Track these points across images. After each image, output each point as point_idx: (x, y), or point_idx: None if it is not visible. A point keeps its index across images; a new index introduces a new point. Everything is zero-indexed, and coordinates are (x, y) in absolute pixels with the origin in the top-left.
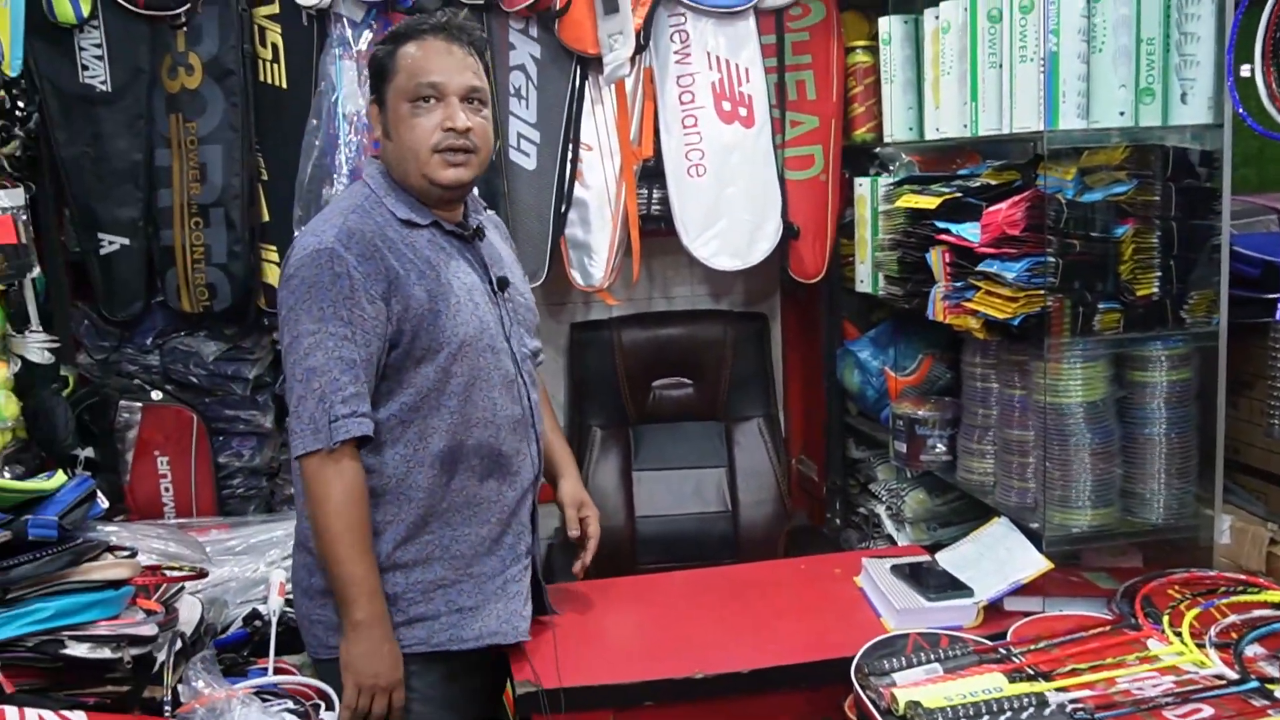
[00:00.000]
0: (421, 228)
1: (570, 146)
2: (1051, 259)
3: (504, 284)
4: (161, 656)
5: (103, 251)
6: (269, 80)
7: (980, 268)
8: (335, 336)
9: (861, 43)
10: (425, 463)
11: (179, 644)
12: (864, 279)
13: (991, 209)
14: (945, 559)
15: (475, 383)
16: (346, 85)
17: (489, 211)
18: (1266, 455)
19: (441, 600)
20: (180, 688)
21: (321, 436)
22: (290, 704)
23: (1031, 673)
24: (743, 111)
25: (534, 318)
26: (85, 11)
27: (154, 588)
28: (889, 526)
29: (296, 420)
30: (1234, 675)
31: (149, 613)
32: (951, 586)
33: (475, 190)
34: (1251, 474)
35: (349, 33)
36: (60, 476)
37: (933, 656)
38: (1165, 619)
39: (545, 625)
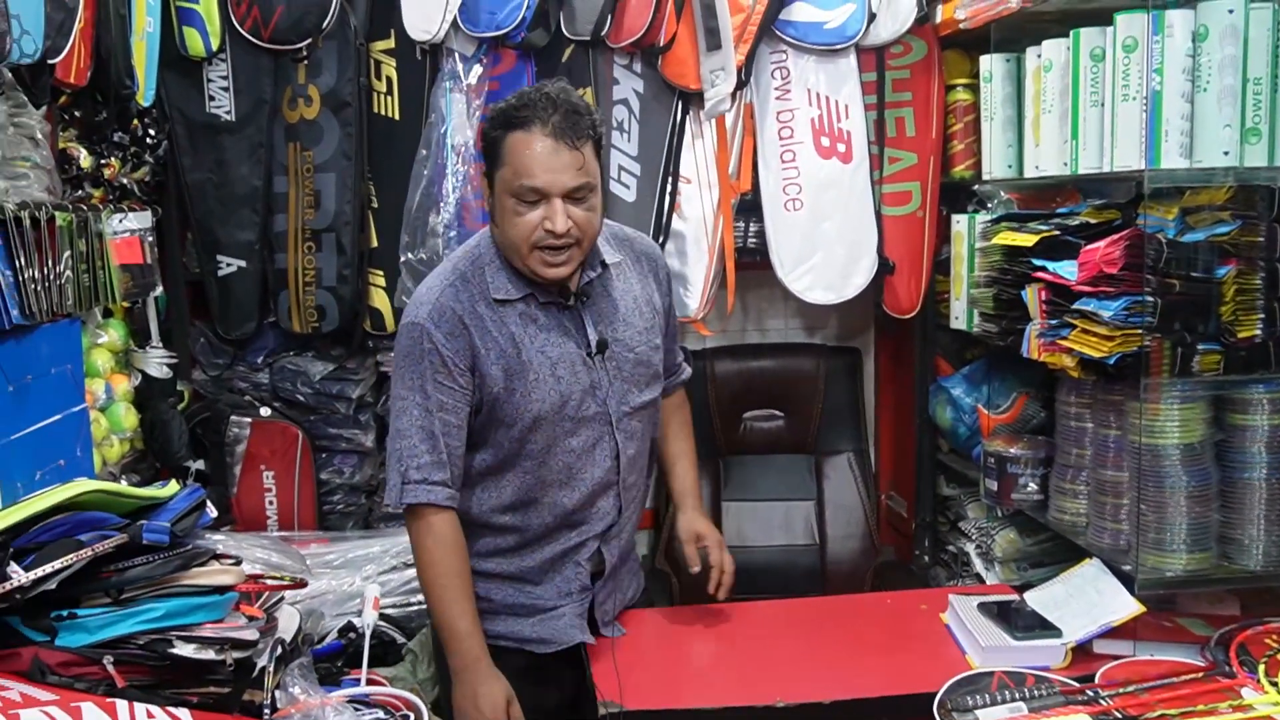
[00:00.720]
0: (515, 302)
1: (670, 180)
2: (1150, 298)
3: (603, 346)
4: (262, 661)
5: (221, 273)
6: (382, 112)
7: (1076, 306)
8: (419, 407)
9: (962, 80)
10: (502, 509)
11: (279, 650)
12: (959, 315)
13: (1089, 247)
14: (1034, 599)
15: (551, 450)
16: (456, 117)
17: (641, 242)
18: None
19: (505, 618)
20: (277, 693)
21: (393, 496)
22: (381, 714)
23: (1119, 716)
24: (841, 147)
25: (647, 369)
26: (214, 45)
27: (256, 595)
28: (978, 565)
29: (387, 474)
30: None
31: (251, 618)
32: (1040, 626)
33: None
34: None
35: (460, 67)
36: (173, 486)
37: (1017, 695)
38: (1261, 668)
39: (628, 647)
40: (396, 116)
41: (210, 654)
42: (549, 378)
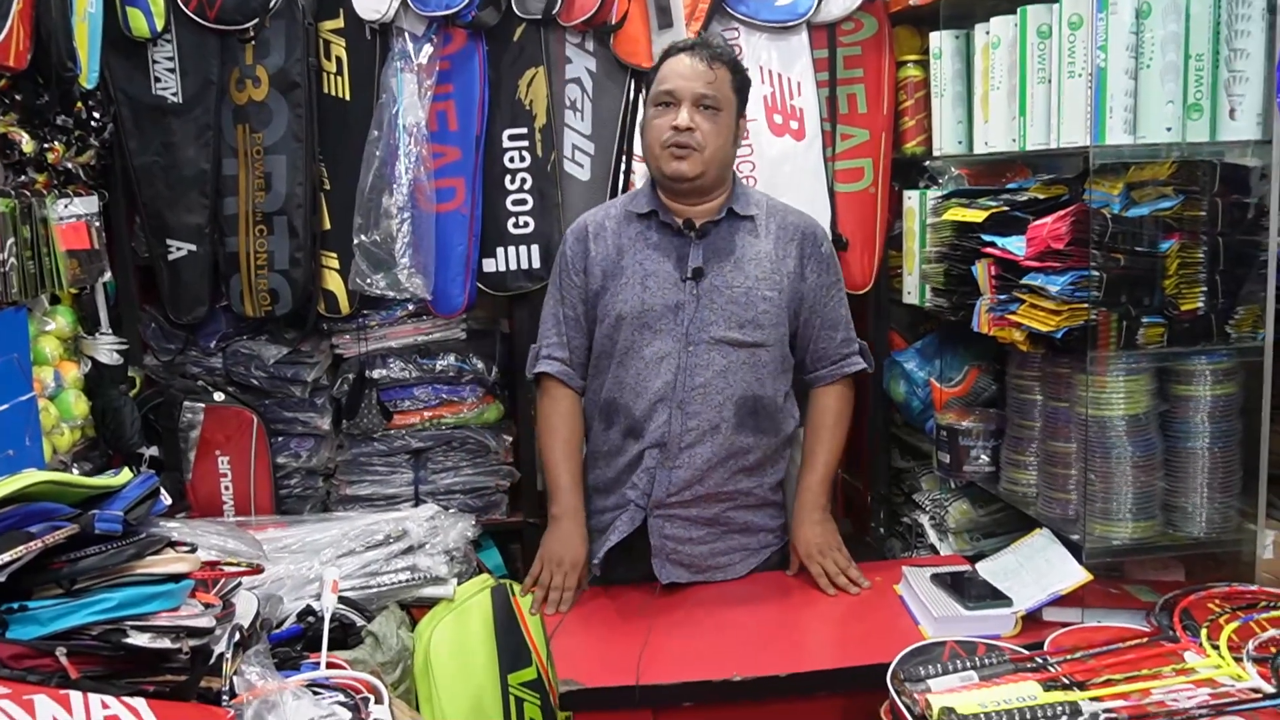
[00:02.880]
0: (643, 217)
1: (624, 158)
2: (1096, 273)
3: (699, 275)
4: (219, 648)
5: (170, 257)
6: (332, 92)
7: (1025, 281)
8: (554, 298)
9: (913, 57)
10: (596, 408)
11: (236, 636)
12: (911, 291)
13: (1037, 223)
14: (985, 569)
15: (629, 352)
16: (407, 97)
17: (798, 216)
18: None
19: (591, 518)
20: (235, 679)
21: (529, 367)
22: (341, 697)
23: (1066, 682)
24: (794, 125)
25: (744, 311)
26: (159, 26)
27: (212, 582)
28: (932, 536)
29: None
30: (1270, 689)
31: (207, 605)
32: (990, 596)
33: (744, 191)
34: None
35: (410, 46)
36: (126, 474)
37: (969, 664)
38: (1204, 632)
39: (589, 626)
40: (347, 97)
41: (166, 643)
42: (637, 285)
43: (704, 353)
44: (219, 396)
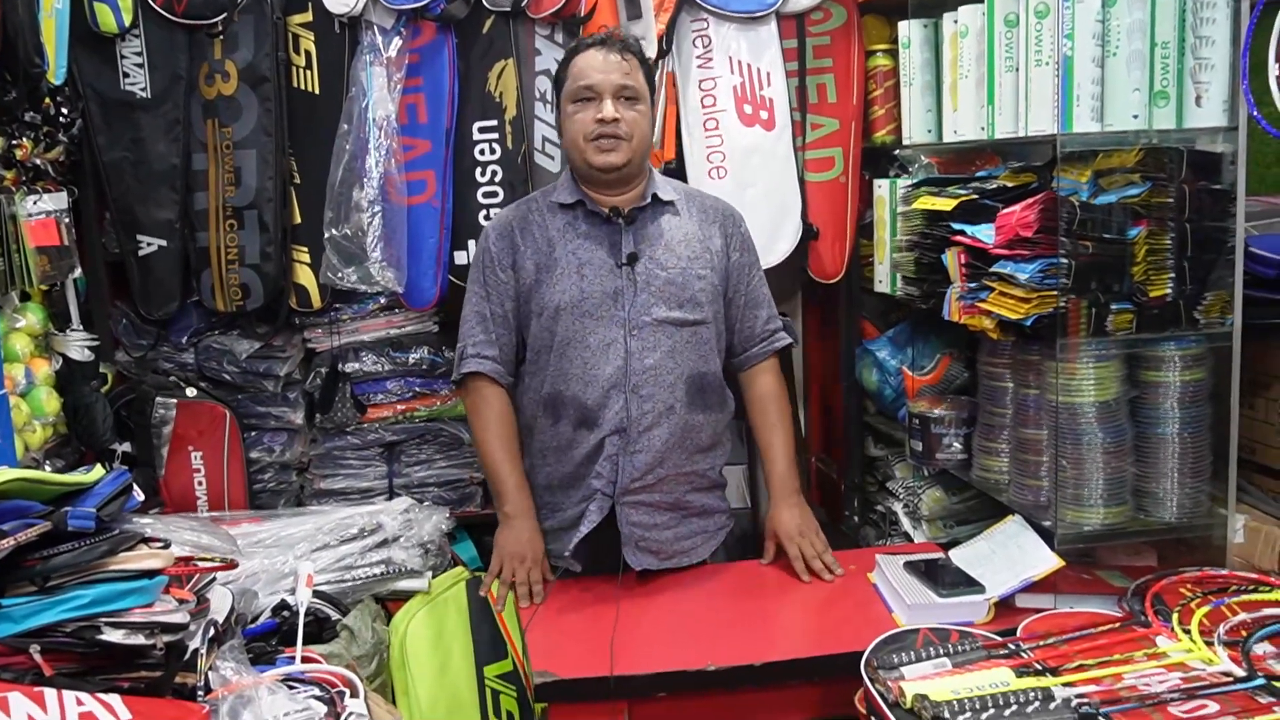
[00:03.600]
0: (568, 208)
1: None
2: (1064, 260)
3: (633, 259)
4: (194, 644)
5: (141, 253)
6: (302, 86)
7: (994, 269)
8: (477, 296)
9: (882, 46)
10: (539, 404)
11: (211, 632)
12: (883, 279)
13: (1006, 211)
14: (958, 556)
15: (571, 343)
16: (376, 91)
17: (715, 200)
18: None
19: (549, 519)
20: (210, 675)
21: (456, 368)
22: (317, 691)
23: (1039, 668)
24: (764, 115)
25: (680, 291)
26: (127, 21)
27: (186, 578)
28: (906, 524)
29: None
30: (1241, 672)
31: (181, 601)
32: (963, 583)
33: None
34: (1267, 474)
35: (379, 40)
36: (98, 470)
37: (942, 651)
38: (1175, 617)
39: (563, 617)
40: (316, 91)
41: (140, 639)
42: (574, 274)
43: (649, 335)
44: (191, 392)
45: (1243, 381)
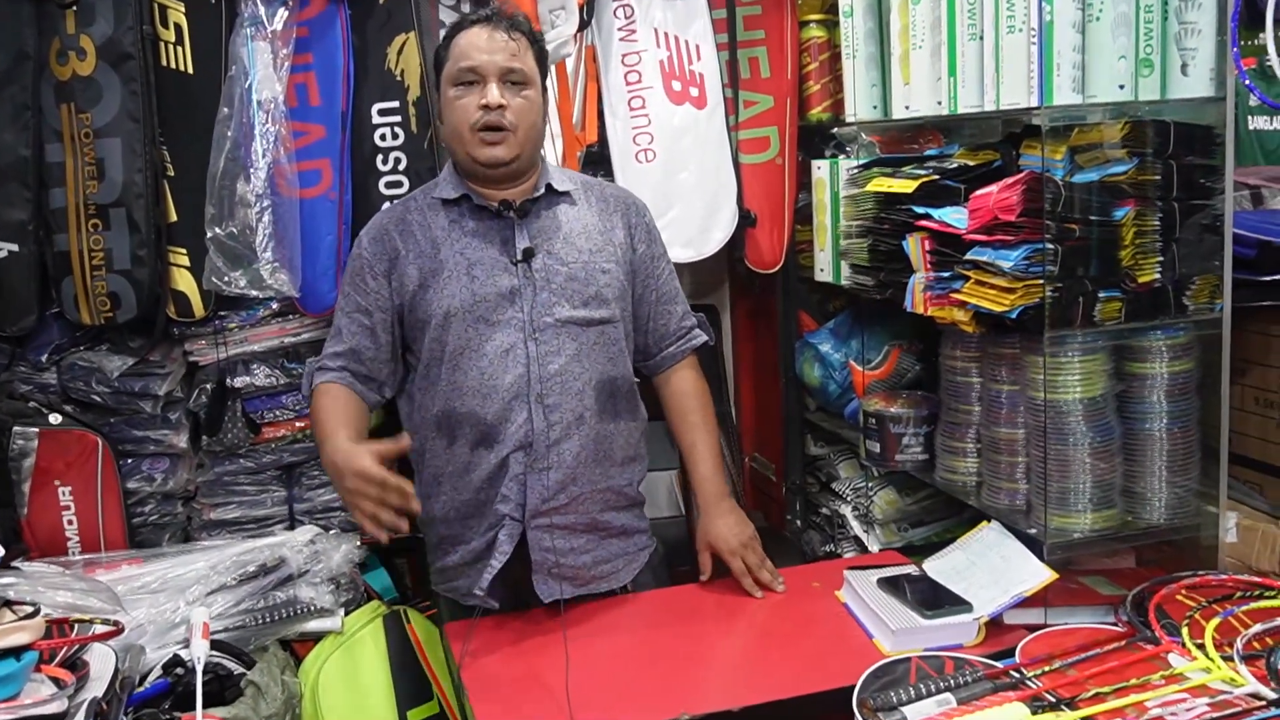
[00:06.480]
0: (451, 204)
1: None
2: (1051, 246)
3: (529, 255)
4: None
5: None
6: (173, 65)
7: (970, 256)
8: (341, 310)
9: (815, 16)
10: (431, 425)
11: (95, 711)
12: (824, 267)
13: (980, 193)
14: (934, 569)
15: (464, 352)
16: (261, 69)
17: (615, 190)
18: (1264, 446)
19: (452, 554)
20: None
21: (305, 383)
22: None
23: (1053, 699)
24: (694, 91)
25: (584, 287)
26: None
27: (60, 650)
28: (856, 528)
29: None
30: (1271, 694)
31: (56, 682)
32: (948, 601)
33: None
34: (1246, 465)
35: (262, 11)
36: None
37: (942, 685)
38: (1184, 630)
39: (499, 656)
40: (190, 70)
41: None
42: (463, 276)
43: (551, 338)
44: (55, 418)
45: (1230, 370)
